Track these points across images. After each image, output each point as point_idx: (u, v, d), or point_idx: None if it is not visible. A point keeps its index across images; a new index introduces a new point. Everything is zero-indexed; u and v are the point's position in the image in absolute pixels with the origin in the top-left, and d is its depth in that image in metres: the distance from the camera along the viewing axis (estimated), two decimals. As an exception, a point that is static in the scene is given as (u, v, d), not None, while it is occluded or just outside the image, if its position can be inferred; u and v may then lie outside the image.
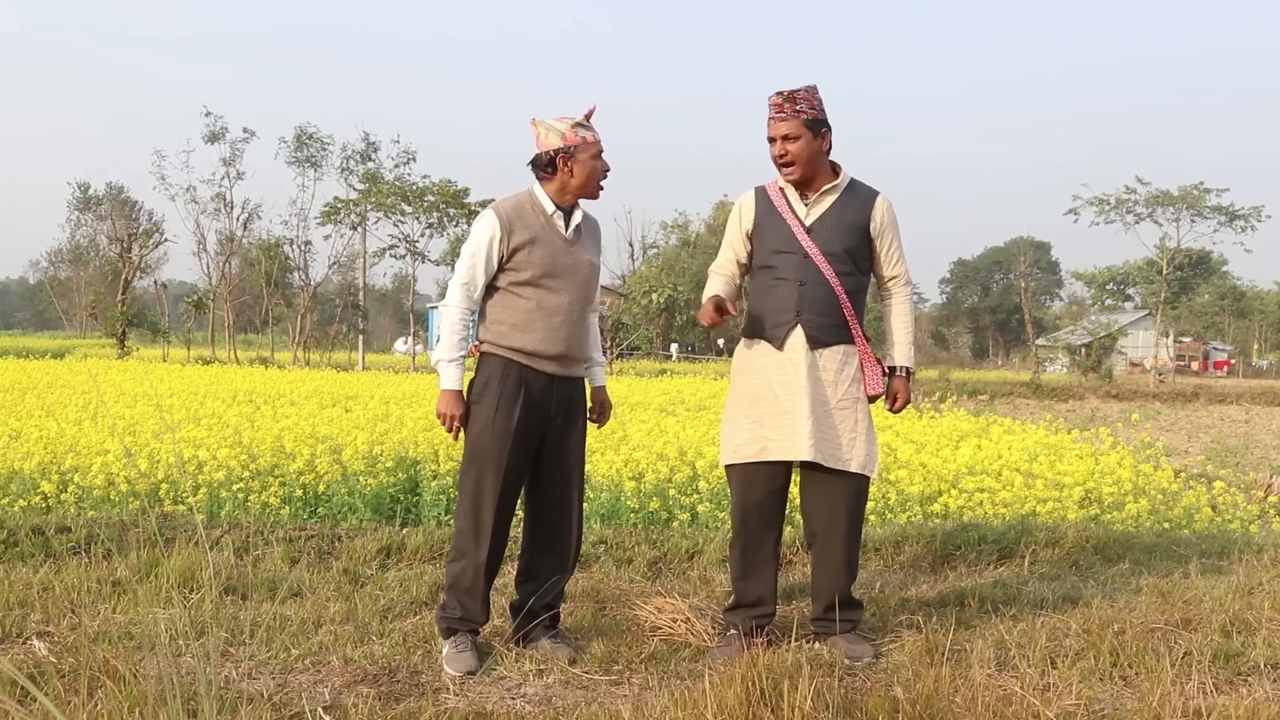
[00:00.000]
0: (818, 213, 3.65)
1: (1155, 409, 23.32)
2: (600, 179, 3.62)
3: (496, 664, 3.44)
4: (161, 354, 31.94)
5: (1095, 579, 4.78)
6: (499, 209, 3.55)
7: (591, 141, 3.57)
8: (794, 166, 3.61)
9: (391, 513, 6.77)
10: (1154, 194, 36.44)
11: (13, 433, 7.56)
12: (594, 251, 3.73)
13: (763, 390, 3.64)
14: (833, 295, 3.62)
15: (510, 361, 3.53)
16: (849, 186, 3.71)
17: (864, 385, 3.70)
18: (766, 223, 3.69)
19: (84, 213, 69.76)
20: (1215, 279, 60.73)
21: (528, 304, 3.53)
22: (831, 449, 3.59)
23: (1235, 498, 7.21)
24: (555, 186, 3.58)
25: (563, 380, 3.63)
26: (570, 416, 3.68)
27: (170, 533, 4.94)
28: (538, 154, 3.57)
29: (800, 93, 3.60)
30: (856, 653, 3.55)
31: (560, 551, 3.69)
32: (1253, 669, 3.46)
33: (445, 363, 3.50)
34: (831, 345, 3.64)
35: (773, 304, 3.65)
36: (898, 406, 3.81)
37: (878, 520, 6.07)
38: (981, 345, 72.30)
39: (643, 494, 6.41)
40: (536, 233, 3.54)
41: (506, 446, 3.50)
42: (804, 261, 3.60)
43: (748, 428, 3.64)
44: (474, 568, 3.52)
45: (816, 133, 3.60)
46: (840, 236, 3.64)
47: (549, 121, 3.58)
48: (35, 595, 3.98)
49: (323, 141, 35.32)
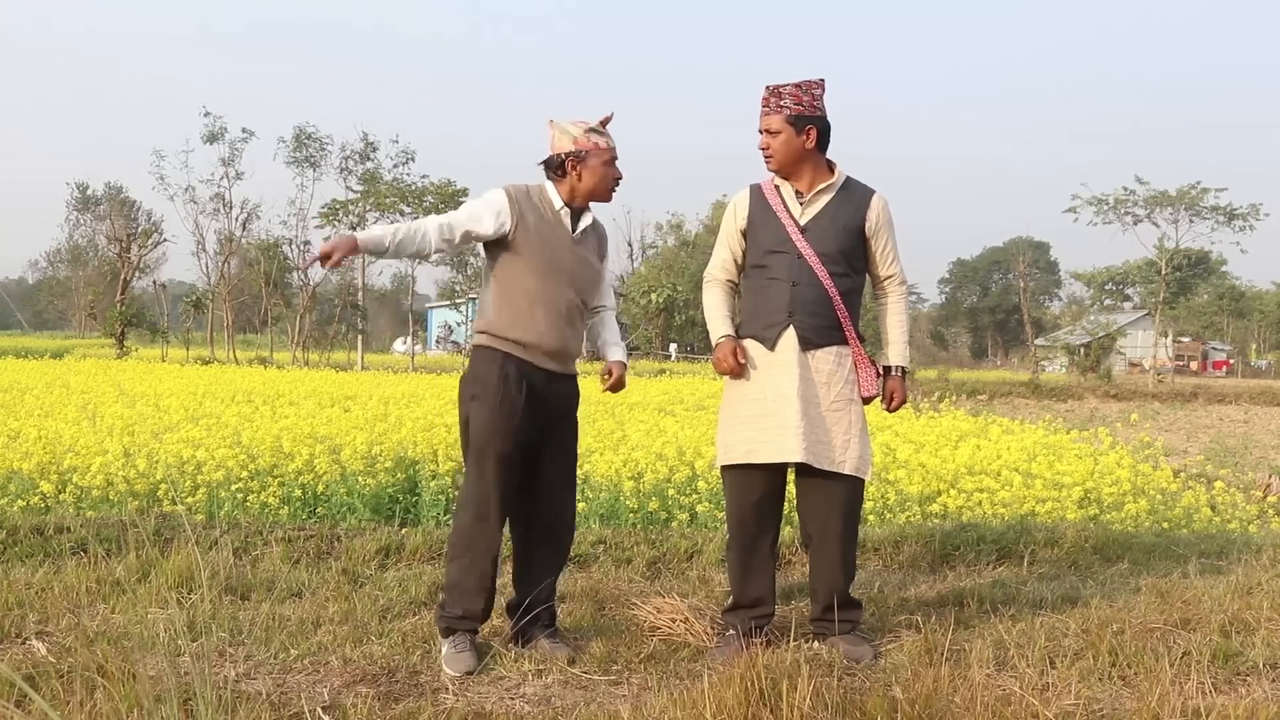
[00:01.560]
0: (812, 212, 3.65)
1: (1154, 409, 23.32)
2: (612, 185, 3.64)
3: (496, 664, 3.44)
4: (160, 354, 31.90)
5: (1094, 579, 4.78)
6: (508, 189, 3.59)
7: (604, 148, 3.59)
8: (771, 160, 3.64)
9: (390, 513, 6.77)
10: (1152, 194, 36.46)
11: (11, 433, 7.55)
12: (598, 256, 3.75)
13: (754, 391, 3.64)
14: (826, 296, 3.61)
15: (509, 356, 3.53)
16: (844, 185, 3.70)
17: (858, 387, 3.69)
18: (760, 221, 3.68)
19: (83, 213, 69.73)
20: (1214, 279, 60.74)
21: (528, 297, 3.53)
22: (824, 451, 3.58)
23: (1234, 498, 7.21)
24: (565, 188, 3.61)
25: (560, 377, 3.63)
26: (566, 414, 3.69)
27: (169, 533, 4.94)
28: (550, 155, 3.60)
29: (788, 88, 3.60)
30: (856, 653, 3.55)
31: (557, 550, 3.71)
32: (1251, 669, 3.46)
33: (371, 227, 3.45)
34: (824, 347, 3.63)
35: (765, 304, 3.64)
36: (894, 406, 3.81)
37: (877, 520, 6.07)
38: (980, 345, 72.33)
39: (642, 494, 6.41)
40: (540, 221, 3.56)
41: (510, 442, 3.49)
42: (797, 262, 3.60)
43: (738, 429, 3.64)
44: (479, 565, 3.51)
45: (800, 129, 3.58)
46: (835, 237, 3.63)
47: (563, 124, 3.61)
48: (34, 595, 3.98)
49: (321, 141, 35.33)
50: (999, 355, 66.68)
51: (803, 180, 3.66)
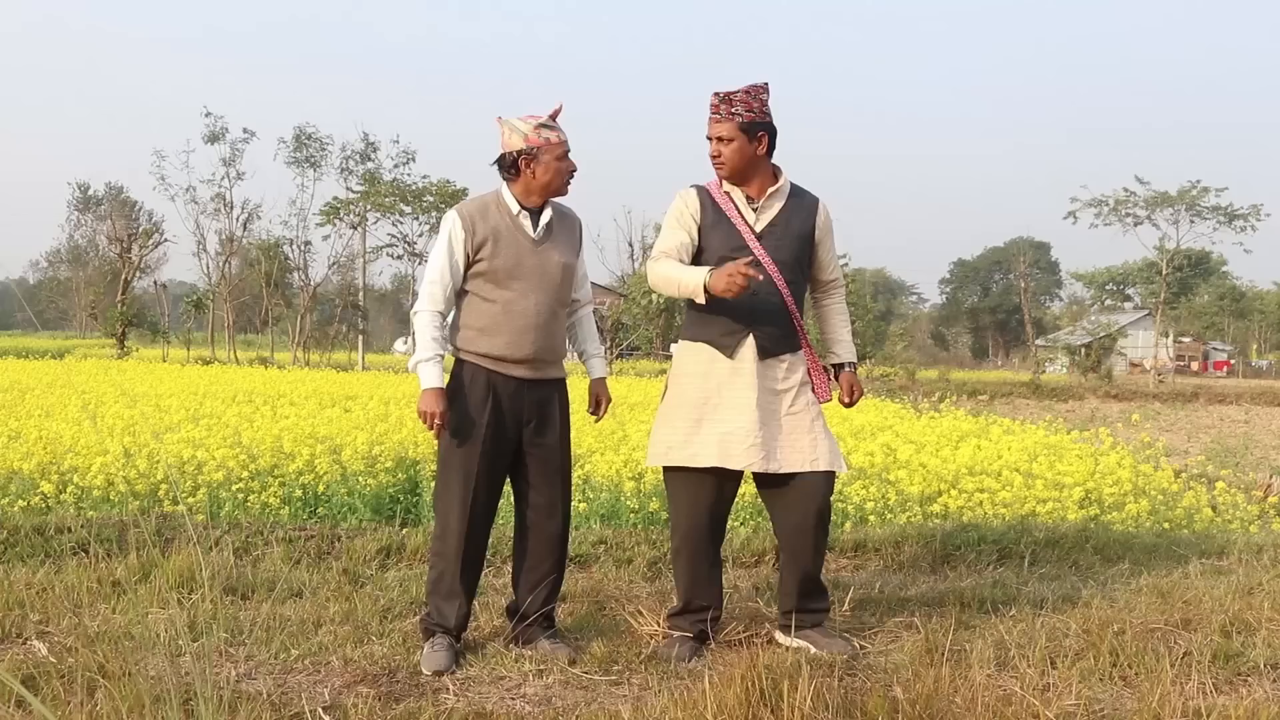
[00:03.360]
0: (766, 219, 3.64)
1: (1155, 409, 23.31)
2: (567, 179, 3.57)
3: (496, 664, 3.44)
4: (161, 354, 31.89)
5: (1095, 579, 4.77)
6: (460, 209, 3.53)
7: (556, 142, 3.51)
8: (723, 168, 3.61)
9: (391, 513, 6.76)
10: (1153, 195, 36.42)
11: (12, 433, 7.55)
12: (567, 250, 3.64)
13: (709, 395, 3.61)
14: (783, 304, 3.62)
15: (478, 368, 3.51)
16: (792, 192, 3.70)
17: (813, 390, 3.71)
18: (713, 224, 3.64)
19: (83, 213, 69.68)
20: (1215, 279, 60.70)
21: (493, 307, 3.50)
22: (792, 454, 3.60)
23: (1235, 498, 7.20)
24: (520, 187, 3.54)
25: (535, 384, 3.58)
26: (546, 420, 3.62)
27: (169, 533, 4.94)
28: (501, 154, 3.53)
29: (739, 94, 3.56)
30: (833, 647, 3.58)
31: (551, 555, 3.67)
32: (1252, 669, 3.46)
33: (423, 363, 3.47)
34: (780, 354, 3.65)
35: (722, 311, 3.57)
36: (855, 399, 3.84)
37: (877, 520, 6.07)
38: (981, 345, 72.27)
39: (642, 494, 6.41)
40: (500, 232, 3.50)
41: (475, 454, 3.48)
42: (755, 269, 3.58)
43: (683, 429, 3.62)
44: (449, 575, 3.53)
45: (752, 136, 3.56)
46: (789, 244, 3.65)
47: (513, 121, 3.53)
48: (35, 595, 3.98)
49: (322, 142, 35.29)
50: (1000, 355, 66.61)
51: (753, 186, 3.65)
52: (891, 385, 24.57)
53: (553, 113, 3.56)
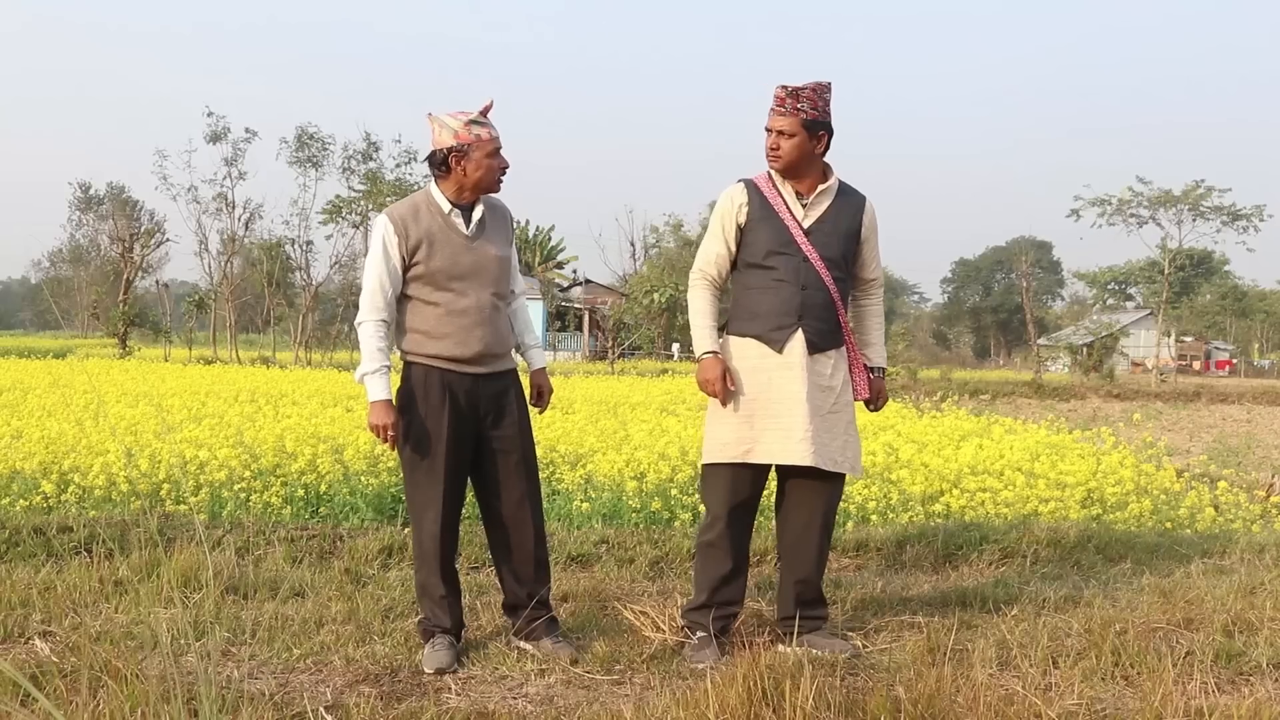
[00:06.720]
0: (815, 215, 3.65)
1: (1157, 409, 23.28)
2: (498, 176, 3.53)
3: (498, 663, 3.44)
4: (163, 354, 31.91)
5: (1097, 579, 4.77)
6: (390, 212, 3.49)
7: (486, 139, 3.46)
8: (779, 161, 3.61)
9: (393, 512, 6.76)
10: (1156, 194, 36.36)
11: (14, 432, 7.55)
12: (501, 243, 3.61)
13: (755, 390, 3.62)
14: (830, 300, 3.64)
15: (431, 368, 3.49)
16: (841, 190, 3.71)
17: (854, 388, 3.74)
18: (761, 219, 3.64)
19: (85, 212, 69.70)
20: (1217, 279, 60.66)
21: (436, 309, 3.47)
22: (829, 452, 3.60)
23: (1238, 497, 7.20)
24: (451, 184, 3.50)
25: (488, 378, 3.55)
26: (503, 411, 3.59)
27: (172, 533, 4.95)
28: (432, 151, 3.48)
29: (806, 90, 3.57)
30: (834, 646, 3.59)
31: (531, 540, 3.63)
32: (1255, 669, 3.46)
33: (369, 375, 3.45)
34: (827, 350, 3.66)
35: (772, 306, 3.61)
36: (879, 405, 3.87)
37: (879, 520, 6.07)
38: (983, 345, 72.25)
39: (644, 494, 6.41)
40: (434, 233, 3.47)
41: (441, 454, 3.46)
42: (804, 265, 3.60)
43: (736, 426, 3.62)
44: (434, 579, 3.53)
45: (813, 134, 3.57)
46: (837, 242, 3.66)
47: (443, 118, 3.48)
48: (37, 595, 3.98)
49: (324, 141, 35.29)
50: (1002, 355, 66.60)
51: (804, 182, 3.66)
52: (893, 385, 24.57)
53: (483, 109, 3.51)
